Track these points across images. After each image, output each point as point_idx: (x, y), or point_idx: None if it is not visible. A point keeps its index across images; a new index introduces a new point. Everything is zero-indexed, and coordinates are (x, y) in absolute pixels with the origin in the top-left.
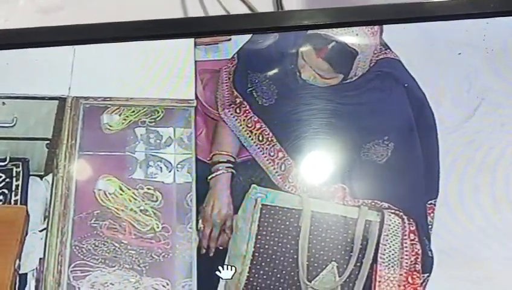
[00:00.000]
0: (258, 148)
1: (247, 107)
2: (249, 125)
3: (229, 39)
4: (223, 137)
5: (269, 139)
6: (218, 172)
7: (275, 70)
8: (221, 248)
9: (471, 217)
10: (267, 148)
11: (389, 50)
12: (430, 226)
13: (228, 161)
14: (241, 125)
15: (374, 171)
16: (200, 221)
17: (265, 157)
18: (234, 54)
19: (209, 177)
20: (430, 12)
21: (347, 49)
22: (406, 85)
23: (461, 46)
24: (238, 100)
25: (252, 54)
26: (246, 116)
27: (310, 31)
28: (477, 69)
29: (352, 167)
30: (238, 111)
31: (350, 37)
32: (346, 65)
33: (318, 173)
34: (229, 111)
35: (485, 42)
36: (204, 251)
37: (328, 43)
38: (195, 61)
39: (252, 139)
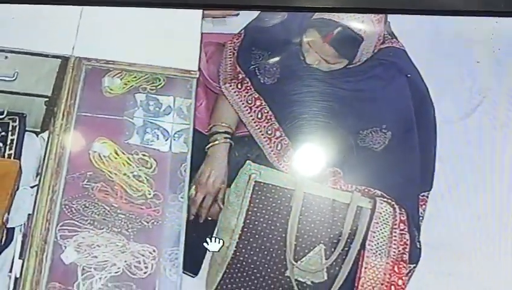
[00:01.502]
0: (256, 125)
1: (249, 83)
2: (249, 101)
3: (237, 14)
4: (223, 109)
5: (268, 117)
6: (217, 142)
7: (280, 51)
8: (210, 219)
9: (462, 213)
10: (265, 126)
11: (394, 39)
12: (421, 218)
13: (226, 132)
14: (241, 100)
15: (370, 159)
16: (193, 187)
17: (262, 135)
18: (241, 30)
19: (207, 147)
20: (440, 5)
21: (353, 35)
22: (408, 76)
23: (468, 42)
24: (240, 76)
25: (258, 32)
26: (247, 93)
27: (315, 16)
28: (482, 66)
29: (349, 152)
30: (239, 86)
31: (356, 23)
32: (351, 50)
33: (314, 155)
34: (230, 86)
35: (492, 41)
36: (192, 217)
37: (334, 28)
38: (202, 33)
39: (251, 115)
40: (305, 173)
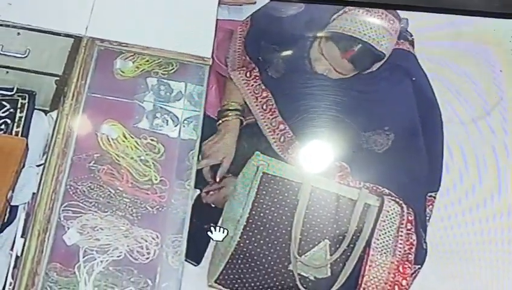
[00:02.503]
0: (261, 115)
1: (258, 73)
2: (256, 91)
3: (255, 2)
4: (233, 90)
5: (272, 110)
6: (227, 118)
7: (288, 47)
8: (214, 205)
9: (471, 216)
10: (269, 117)
11: (402, 41)
12: (428, 218)
13: (237, 109)
14: (248, 89)
15: (375, 159)
16: (200, 156)
17: (266, 125)
18: (248, 17)
19: (218, 123)
20: (459, 5)
21: (375, 53)
22: (413, 79)
23: (486, 43)
24: (250, 65)
25: (268, 22)
26: (255, 82)
27: (333, 29)
28: (499, 68)
29: (357, 148)
30: (248, 75)
31: (377, 39)
32: (369, 66)
33: (320, 149)
34: (239, 73)
35: (511, 44)
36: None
37: (354, 45)
38: (217, 20)
39: (257, 105)
40: (311, 166)
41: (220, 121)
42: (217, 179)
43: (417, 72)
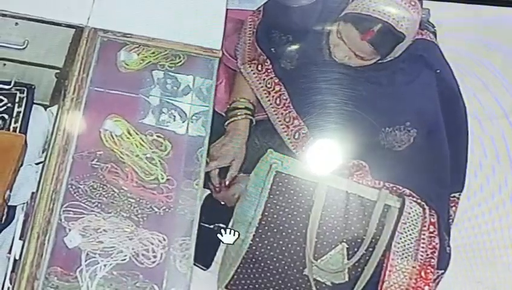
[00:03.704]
0: (274, 110)
1: (270, 66)
2: (268, 85)
3: None
4: (243, 85)
5: (285, 104)
6: (236, 118)
7: (303, 37)
8: (223, 203)
9: (498, 218)
10: (282, 113)
11: (425, 30)
12: (451, 220)
13: (246, 108)
14: (260, 83)
15: (395, 157)
16: (208, 158)
17: (279, 121)
18: (260, 7)
19: (226, 123)
20: None
21: (395, 33)
22: (437, 71)
23: None
24: (261, 58)
25: (282, 10)
26: (267, 76)
27: (350, 10)
28: None
29: (376, 146)
30: (259, 68)
31: (397, 19)
32: (390, 49)
33: (337, 145)
34: (250, 66)
35: None
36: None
37: (374, 25)
38: (227, 10)
39: (269, 100)
40: (327, 164)
41: (229, 121)
42: (226, 183)
43: (441, 64)
